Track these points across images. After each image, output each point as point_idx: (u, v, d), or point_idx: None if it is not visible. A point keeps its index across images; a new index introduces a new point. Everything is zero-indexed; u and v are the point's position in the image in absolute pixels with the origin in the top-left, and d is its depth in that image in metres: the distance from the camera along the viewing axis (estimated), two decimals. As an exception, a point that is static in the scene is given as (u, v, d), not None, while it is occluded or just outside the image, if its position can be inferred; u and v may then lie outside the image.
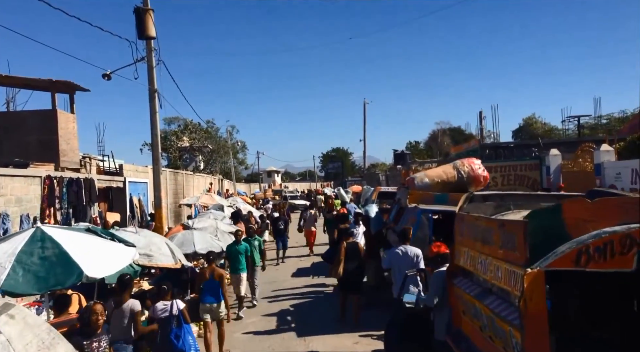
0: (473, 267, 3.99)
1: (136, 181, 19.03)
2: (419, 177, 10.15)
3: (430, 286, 5.11)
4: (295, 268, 15.51)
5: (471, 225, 4.03)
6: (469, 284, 4.12)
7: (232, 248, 10.48)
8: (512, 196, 5.14)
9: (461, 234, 4.37)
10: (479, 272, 3.83)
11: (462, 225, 4.35)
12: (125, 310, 6.25)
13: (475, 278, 4.05)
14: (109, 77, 16.67)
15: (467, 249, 4.17)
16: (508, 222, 3.24)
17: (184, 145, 33.87)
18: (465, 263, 4.21)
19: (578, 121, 30.32)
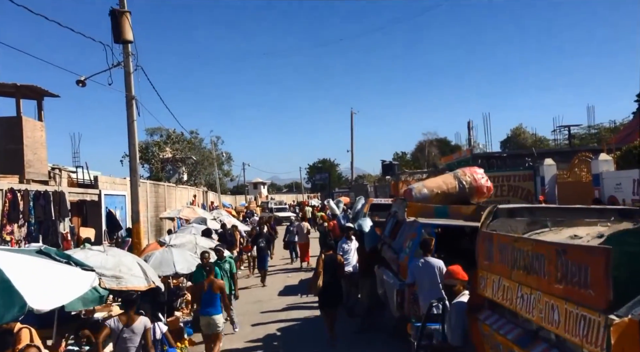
0: (508, 302, 3.13)
1: (113, 194, 17.94)
2: (417, 188, 9.33)
3: (453, 320, 4.22)
4: (282, 285, 14.55)
5: (506, 247, 3.19)
6: (502, 322, 3.25)
7: (198, 273, 8.80)
8: (545, 210, 4.31)
9: (488, 257, 3.52)
10: (519, 309, 2.96)
11: (490, 246, 3.50)
12: (137, 329, 5.87)
13: (509, 315, 3.19)
14: (84, 84, 15.71)
15: (497, 278, 3.32)
16: (576, 248, 2.40)
17: (166, 156, 32.77)
18: (495, 295, 3.35)
19: (569, 131, 29.97)
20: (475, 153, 23.62)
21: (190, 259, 9.67)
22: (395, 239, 8.82)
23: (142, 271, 8.18)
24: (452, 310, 4.22)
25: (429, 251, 7.08)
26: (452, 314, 4.16)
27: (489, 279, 3.51)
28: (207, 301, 7.80)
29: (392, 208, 10.41)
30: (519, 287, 2.98)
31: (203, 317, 7.81)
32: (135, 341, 5.83)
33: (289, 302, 12.42)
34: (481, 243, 3.73)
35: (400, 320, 7.87)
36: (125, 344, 5.80)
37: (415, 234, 7.86)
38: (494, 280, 3.40)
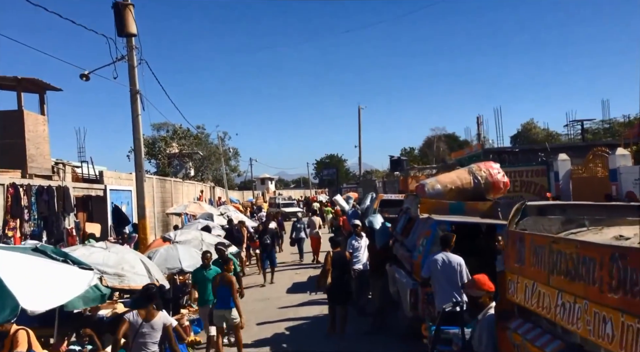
0: (545, 310, 2.78)
1: (119, 189, 17.73)
2: (430, 183, 8.97)
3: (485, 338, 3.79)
4: (290, 283, 14.25)
5: (542, 249, 2.84)
6: (537, 332, 2.91)
7: (199, 274, 8.40)
8: (579, 207, 3.94)
9: (519, 259, 3.17)
10: (559, 319, 2.61)
11: (521, 248, 3.14)
12: (156, 325, 5.65)
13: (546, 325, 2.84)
14: (87, 78, 15.51)
15: (530, 283, 2.96)
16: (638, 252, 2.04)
17: (173, 151, 32.56)
18: (528, 302, 3.00)
19: (582, 125, 29.36)
20: (486, 148, 23.15)
21: (196, 256, 9.38)
22: (407, 236, 8.48)
23: (146, 269, 7.92)
24: (483, 326, 3.81)
25: (449, 246, 6.75)
26: (484, 331, 3.75)
27: (520, 284, 3.17)
28: (221, 295, 7.81)
29: (403, 204, 10.07)
30: (559, 295, 2.64)
31: (217, 310, 7.83)
32: (154, 336, 5.65)
33: (298, 300, 12.12)
34: (510, 244, 3.39)
35: (414, 320, 7.55)
36: (143, 339, 5.58)
37: (429, 231, 7.52)
38: (527, 285, 3.06)
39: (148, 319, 5.68)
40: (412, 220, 8.64)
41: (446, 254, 6.70)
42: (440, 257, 6.66)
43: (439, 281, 6.60)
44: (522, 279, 3.15)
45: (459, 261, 6.69)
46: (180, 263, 8.99)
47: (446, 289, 6.53)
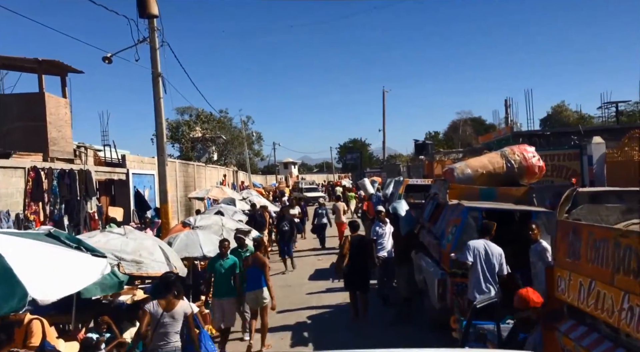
0: (605, 313, 2.38)
1: (141, 173, 17.67)
2: (459, 168, 8.52)
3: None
4: (312, 269, 13.99)
5: (604, 243, 2.43)
6: (594, 338, 2.51)
7: (215, 263, 7.90)
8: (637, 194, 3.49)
9: (573, 253, 2.77)
10: (625, 324, 2.22)
11: (575, 241, 2.74)
12: (176, 314, 5.48)
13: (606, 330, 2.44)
14: (110, 61, 15.37)
15: (587, 281, 2.56)
16: None
17: (196, 135, 32.52)
18: (583, 302, 2.60)
19: (616, 107, 28.17)
20: (515, 131, 22.36)
21: (216, 242, 9.13)
22: (435, 223, 8.07)
23: (164, 256, 7.71)
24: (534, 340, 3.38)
25: (490, 235, 6.39)
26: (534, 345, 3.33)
27: (573, 282, 2.77)
28: (251, 277, 7.72)
29: (431, 189, 9.64)
30: (626, 297, 2.25)
31: (249, 292, 7.76)
32: (176, 326, 5.47)
33: (320, 287, 11.87)
34: (561, 235, 2.98)
35: (442, 311, 7.20)
36: (165, 329, 5.41)
37: (459, 218, 7.10)
38: (582, 283, 2.66)
39: (169, 308, 5.49)
40: (441, 206, 8.22)
41: (487, 242, 6.34)
42: (482, 245, 6.30)
43: (478, 269, 6.27)
44: (575, 276, 2.75)
45: (500, 251, 6.39)
46: (201, 249, 8.76)
47: (484, 279, 6.20)
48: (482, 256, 6.28)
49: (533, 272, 6.43)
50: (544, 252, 6.25)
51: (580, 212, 3.00)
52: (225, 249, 7.94)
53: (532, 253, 6.45)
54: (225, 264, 7.84)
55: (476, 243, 6.34)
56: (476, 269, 6.27)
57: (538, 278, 6.35)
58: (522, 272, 6.76)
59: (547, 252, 6.25)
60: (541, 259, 6.29)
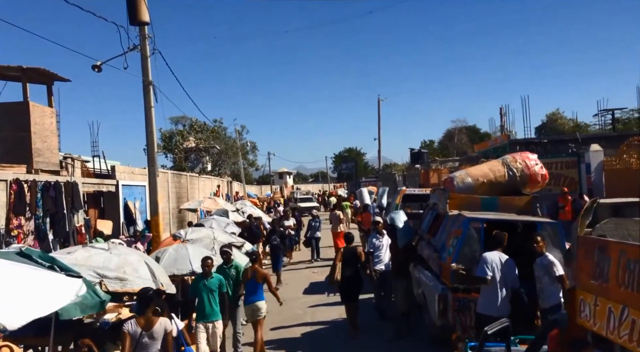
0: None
1: (132, 185, 17.27)
2: (459, 176, 8.19)
3: None
4: (307, 282, 13.58)
5: None
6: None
7: (199, 284, 7.26)
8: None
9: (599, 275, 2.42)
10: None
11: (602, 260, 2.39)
12: (156, 333, 5.17)
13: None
14: (100, 69, 15.05)
15: (618, 307, 2.20)
16: None
17: (190, 146, 32.12)
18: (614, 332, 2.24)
19: (612, 115, 28.03)
20: (512, 139, 22.12)
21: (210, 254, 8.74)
22: (435, 235, 7.72)
23: (150, 272, 7.30)
24: None
25: (501, 246, 6.07)
26: None
27: (600, 307, 2.43)
28: (250, 290, 7.68)
29: (430, 199, 9.29)
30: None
31: (247, 305, 7.71)
32: (156, 346, 5.17)
33: (315, 302, 11.47)
34: (583, 253, 2.63)
35: (443, 328, 6.83)
36: (144, 349, 5.12)
37: (460, 230, 6.75)
38: (612, 309, 2.31)
39: (147, 327, 5.14)
40: (440, 217, 7.87)
41: (501, 254, 6.02)
42: (497, 257, 5.97)
43: (496, 284, 5.93)
44: (603, 302, 2.40)
45: (514, 264, 6.07)
46: (190, 264, 8.33)
47: (501, 294, 5.86)
48: (498, 270, 5.94)
49: (539, 287, 6.08)
50: (551, 266, 5.91)
51: (606, 227, 2.67)
52: (209, 267, 7.33)
53: (537, 267, 6.10)
54: (210, 284, 7.24)
55: (492, 256, 5.99)
56: (493, 284, 5.92)
57: (544, 293, 6.00)
58: (526, 287, 6.42)
59: (553, 266, 5.91)
60: (547, 274, 5.95)
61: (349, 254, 8.72)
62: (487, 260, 5.93)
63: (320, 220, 17.24)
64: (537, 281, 6.14)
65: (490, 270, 5.90)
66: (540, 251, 6.00)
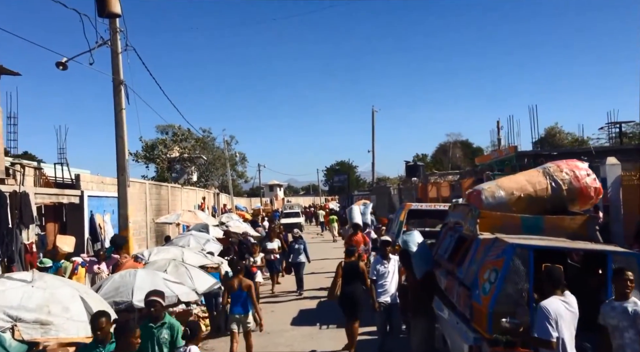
0: None
1: (101, 195, 15.40)
2: (488, 189, 6.49)
3: None
4: (296, 310, 11.74)
5: None
6: None
7: (146, 330, 5.29)
8: None
9: None
10: None
11: None
12: None
13: None
14: (65, 67, 13.43)
15: None
16: None
17: (173, 155, 30.27)
18: None
19: (620, 128, 26.60)
20: (520, 151, 20.55)
21: (162, 286, 6.92)
22: (460, 264, 5.98)
23: (87, 311, 5.51)
24: None
25: (561, 286, 4.38)
26: None
27: None
28: (236, 300, 7.73)
29: (448, 217, 7.57)
30: None
31: (232, 315, 7.79)
32: None
33: (305, 335, 9.68)
34: None
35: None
36: None
37: (501, 260, 5.03)
38: None
39: None
40: (467, 241, 6.15)
41: (565, 300, 4.32)
42: (562, 307, 4.28)
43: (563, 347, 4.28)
44: None
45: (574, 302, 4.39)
46: (132, 295, 6.55)
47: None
48: (566, 326, 4.23)
49: (617, 344, 4.37)
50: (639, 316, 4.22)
51: None
52: (158, 310, 5.42)
53: (614, 314, 4.41)
54: (158, 333, 5.39)
55: (555, 306, 4.27)
56: (562, 348, 4.20)
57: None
58: (593, 342, 4.71)
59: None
60: (633, 326, 4.25)
61: (350, 269, 8.16)
62: (549, 313, 4.21)
63: (305, 242, 14.08)
64: (611, 333, 4.44)
65: (555, 328, 4.18)
66: (625, 293, 4.31)
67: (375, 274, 7.96)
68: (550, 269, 4.42)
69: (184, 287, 7.54)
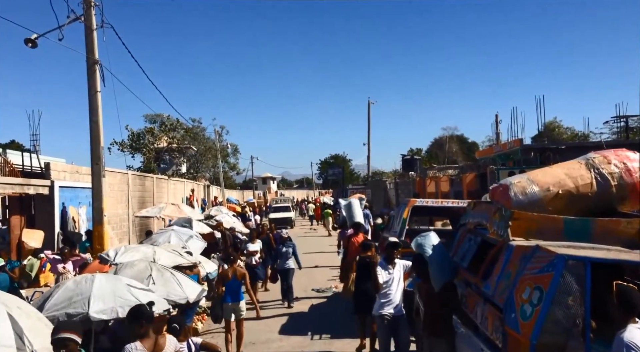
0: None
1: (76, 186, 14.18)
2: (518, 184, 5.34)
3: None
4: (285, 317, 10.58)
5: None
6: None
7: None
8: None
9: None
10: None
11: None
12: None
13: None
14: (35, 44, 12.33)
15: None
16: None
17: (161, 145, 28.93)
18: None
19: (626, 122, 25.60)
20: (525, 144, 19.47)
21: (126, 294, 5.74)
22: (486, 276, 4.83)
23: (15, 334, 4.34)
24: None
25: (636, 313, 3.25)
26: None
27: None
28: (230, 289, 7.91)
29: (465, 217, 6.41)
30: None
31: (227, 304, 7.90)
32: None
33: (295, 345, 8.56)
34: None
35: None
36: None
37: (548, 276, 3.88)
38: None
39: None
40: (492, 247, 5.00)
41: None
42: None
43: None
44: None
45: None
46: (87, 306, 5.39)
47: None
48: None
49: None
50: None
51: None
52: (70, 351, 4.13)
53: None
54: None
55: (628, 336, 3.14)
56: None
57: None
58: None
59: None
60: None
61: (365, 264, 7.46)
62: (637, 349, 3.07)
63: (294, 244, 11.68)
64: None
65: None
66: None
67: (379, 281, 6.80)
68: (626, 291, 3.28)
69: (152, 294, 6.38)
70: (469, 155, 54.33)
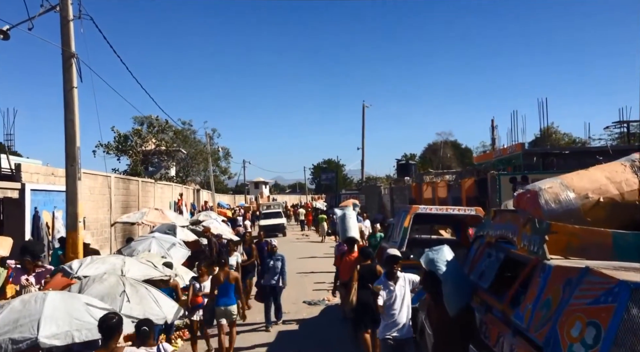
0: None
1: (50, 190, 13.18)
2: (550, 190, 4.47)
3: None
4: (273, 332, 9.64)
5: None
6: None
7: None
8: None
9: None
10: None
11: None
12: None
13: None
14: (6, 36, 11.47)
15: None
16: None
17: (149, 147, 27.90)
18: None
19: (627, 127, 24.96)
20: (527, 149, 18.71)
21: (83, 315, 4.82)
22: (516, 302, 3.95)
23: None
24: None
25: None
26: None
27: None
28: (223, 292, 7.91)
29: (482, 228, 5.53)
30: None
31: (219, 307, 7.88)
32: None
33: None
34: None
35: None
36: None
37: (607, 309, 3.01)
38: None
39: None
40: (521, 266, 4.12)
41: None
42: None
43: None
44: None
45: None
46: (37, 330, 4.50)
47: None
48: None
49: None
50: None
51: None
52: None
53: None
54: None
55: None
56: None
57: None
58: None
59: None
60: None
61: (367, 273, 7.17)
62: None
63: (283, 257, 10.11)
64: None
65: None
66: None
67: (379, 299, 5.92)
68: None
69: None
70: (462, 161, 53.78)
